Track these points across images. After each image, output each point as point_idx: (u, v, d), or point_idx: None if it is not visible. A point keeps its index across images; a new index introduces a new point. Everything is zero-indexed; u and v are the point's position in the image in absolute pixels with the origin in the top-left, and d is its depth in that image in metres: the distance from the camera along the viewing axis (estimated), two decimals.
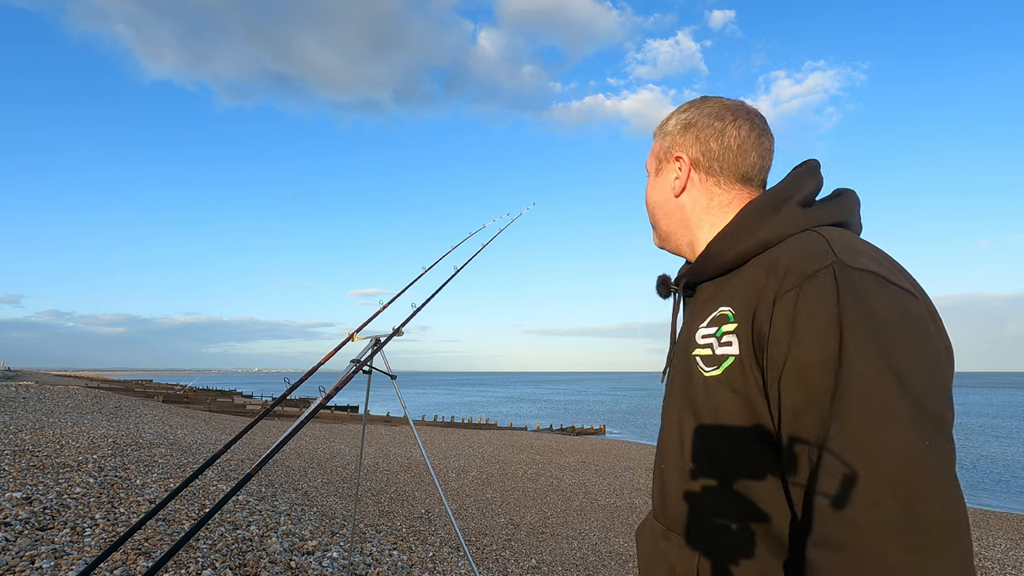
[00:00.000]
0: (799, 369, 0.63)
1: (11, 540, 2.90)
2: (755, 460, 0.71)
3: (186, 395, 27.36)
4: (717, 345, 0.75)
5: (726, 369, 0.73)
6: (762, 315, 0.68)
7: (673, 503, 0.83)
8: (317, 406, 2.54)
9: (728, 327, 0.74)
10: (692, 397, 0.79)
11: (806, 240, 0.72)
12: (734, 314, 0.74)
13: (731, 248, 0.79)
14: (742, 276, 0.77)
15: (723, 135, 0.85)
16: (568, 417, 35.44)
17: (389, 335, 2.92)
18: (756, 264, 0.75)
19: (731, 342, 0.73)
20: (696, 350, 0.79)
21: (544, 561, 5.36)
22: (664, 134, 0.92)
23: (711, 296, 0.82)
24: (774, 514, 0.70)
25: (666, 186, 0.91)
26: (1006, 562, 7.08)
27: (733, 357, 0.72)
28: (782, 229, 0.76)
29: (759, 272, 0.73)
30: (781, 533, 0.70)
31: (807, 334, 0.63)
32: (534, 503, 8.31)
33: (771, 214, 0.78)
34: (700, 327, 0.80)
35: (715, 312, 0.78)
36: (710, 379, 0.75)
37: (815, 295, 0.64)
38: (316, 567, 3.50)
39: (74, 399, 12.64)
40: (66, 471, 4.54)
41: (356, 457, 10.66)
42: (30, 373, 40.43)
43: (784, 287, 0.66)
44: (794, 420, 0.64)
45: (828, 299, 0.63)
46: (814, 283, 0.64)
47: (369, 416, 19.00)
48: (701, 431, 0.78)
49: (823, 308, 0.63)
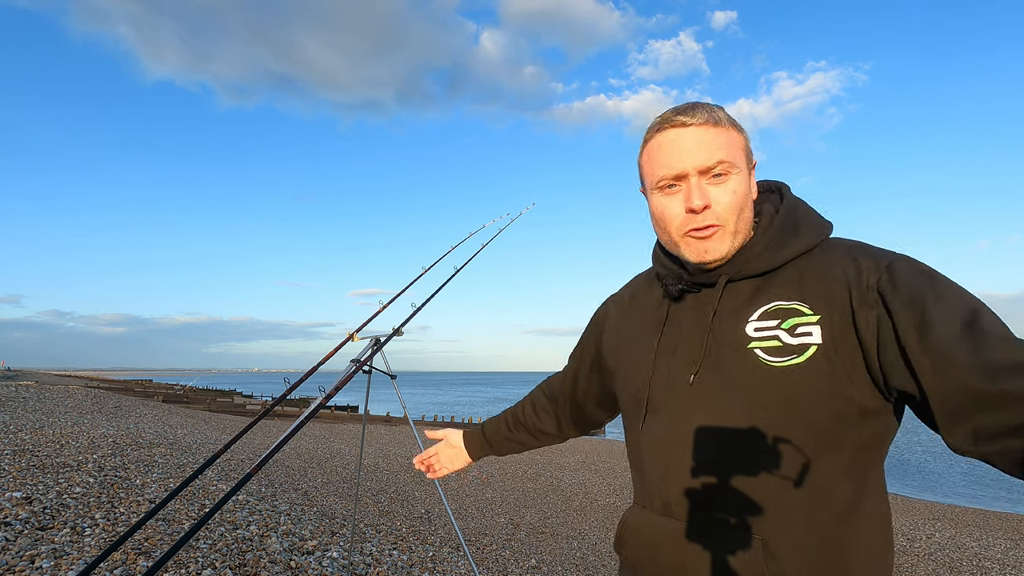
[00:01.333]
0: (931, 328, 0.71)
1: (11, 540, 2.90)
2: (829, 436, 0.79)
3: (186, 395, 27.36)
4: (788, 336, 0.80)
5: (810, 356, 0.78)
6: (862, 306, 0.76)
7: (720, 496, 0.82)
8: (317, 406, 2.54)
9: (805, 319, 0.80)
10: (747, 387, 0.82)
11: (846, 246, 0.84)
12: (811, 308, 0.80)
13: (783, 253, 0.85)
14: (789, 275, 0.84)
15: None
16: None
17: (389, 335, 2.92)
18: (804, 265, 0.84)
19: (811, 332, 0.79)
20: (753, 343, 0.82)
21: (544, 561, 5.36)
22: (741, 130, 0.89)
23: (753, 292, 0.86)
24: (838, 485, 0.79)
25: (750, 183, 0.89)
26: (1006, 562, 7.08)
27: (816, 346, 0.78)
28: (812, 240, 0.86)
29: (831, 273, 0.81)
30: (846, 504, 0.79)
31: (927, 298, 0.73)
32: (534, 503, 8.31)
33: (801, 223, 0.87)
34: (749, 320, 0.84)
35: (767, 306, 0.83)
36: (787, 367, 0.79)
37: (907, 272, 0.76)
38: (316, 567, 3.50)
39: (74, 399, 12.63)
40: (66, 471, 4.54)
41: (356, 457, 10.66)
42: (30, 373, 40.44)
43: (873, 276, 0.77)
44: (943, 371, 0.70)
45: (916, 271, 0.77)
46: (897, 265, 0.78)
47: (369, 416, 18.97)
48: (769, 418, 0.80)
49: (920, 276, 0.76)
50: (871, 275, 0.77)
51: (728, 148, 0.85)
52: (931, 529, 8.58)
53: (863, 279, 0.77)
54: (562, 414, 1.25)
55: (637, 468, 0.97)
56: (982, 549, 7.63)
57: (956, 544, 7.36)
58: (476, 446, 1.33)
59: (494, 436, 1.32)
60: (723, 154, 0.84)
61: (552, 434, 1.28)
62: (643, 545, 0.92)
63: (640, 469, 0.96)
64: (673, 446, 0.88)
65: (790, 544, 0.79)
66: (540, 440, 1.30)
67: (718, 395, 0.84)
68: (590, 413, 1.22)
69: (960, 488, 15.07)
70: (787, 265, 0.85)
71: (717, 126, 0.85)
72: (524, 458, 13.45)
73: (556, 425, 1.27)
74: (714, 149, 0.84)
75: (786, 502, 0.79)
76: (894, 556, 0.86)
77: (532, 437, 1.29)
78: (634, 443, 0.97)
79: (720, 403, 0.84)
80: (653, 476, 0.91)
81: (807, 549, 0.79)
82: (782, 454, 0.79)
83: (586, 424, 1.25)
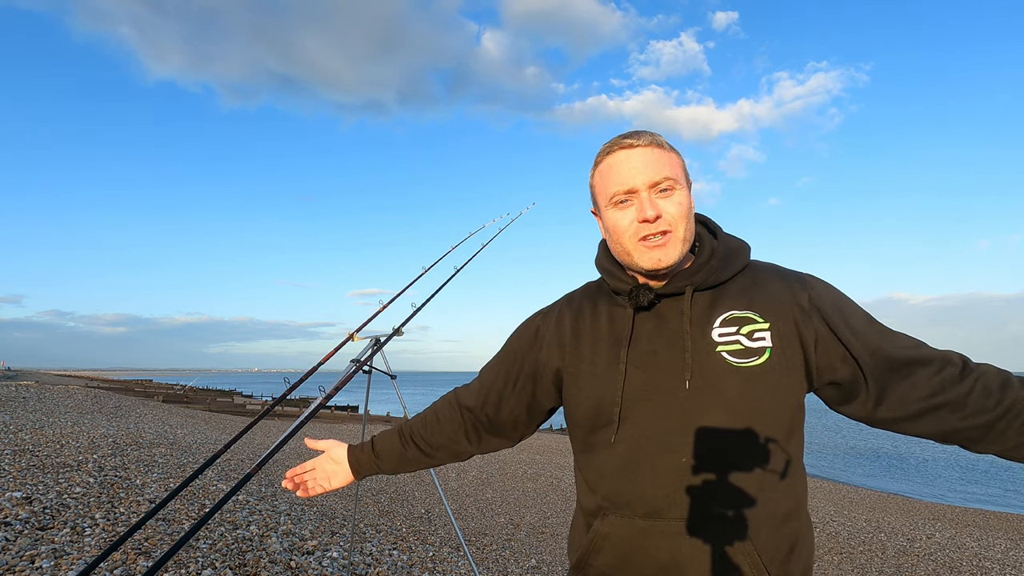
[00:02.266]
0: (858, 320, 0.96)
1: (11, 540, 2.90)
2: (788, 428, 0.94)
3: (186, 395, 27.36)
4: (747, 340, 0.93)
5: (768, 358, 0.92)
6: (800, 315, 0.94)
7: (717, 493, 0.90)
8: (317, 406, 2.54)
9: (757, 326, 0.94)
10: (720, 389, 0.92)
11: (769, 265, 1.05)
12: (761, 316, 0.95)
13: (732, 267, 1.00)
14: (736, 288, 0.99)
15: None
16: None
17: (389, 335, 2.92)
18: (743, 281, 1.00)
19: (764, 337, 0.93)
20: (720, 348, 0.94)
21: (544, 561, 5.36)
22: (679, 154, 1.02)
23: (711, 303, 0.98)
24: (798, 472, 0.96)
25: (690, 199, 1.01)
26: (1006, 562, 7.08)
27: (770, 348, 0.93)
28: (748, 258, 1.04)
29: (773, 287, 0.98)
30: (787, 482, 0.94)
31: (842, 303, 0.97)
32: (534, 503, 8.31)
33: (740, 245, 1.05)
34: (713, 328, 0.96)
35: (724, 315, 0.96)
36: (750, 368, 0.92)
37: (821, 287, 0.99)
38: (316, 567, 3.50)
39: (74, 399, 12.63)
40: (66, 471, 4.54)
41: None
42: (30, 373, 40.44)
43: (804, 294, 0.97)
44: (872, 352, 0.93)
45: (826, 285, 1.00)
46: (814, 283, 0.99)
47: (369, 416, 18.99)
48: (741, 415, 0.91)
49: (832, 290, 0.99)
50: (802, 294, 0.96)
51: (671, 167, 0.98)
52: (931, 529, 8.58)
53: (799, 298, 0.96)
54: (472, 428, 1.19)
55: (607, 478, 0.98)
56: (982, 549, 7.63)
57: (956, 544, 7.37)
58: (362, 462, 1.22)
59: (386, 451, 1.22)
60: (668, 171, 0.97)
61: (454, 450, 1.21)
62: (624, 552, 0.94)
63: (613, 478, 0.97)
64: (658, 449, 0.93)
65: (769, 533, 0.91)
66: (437, 457, 1.22)
67: (697, 397, 0.92)
68: (504, 429, 1.18)
69: (960, 488, 15.07)
70: (731, 281, 1.00)
71: (660, 148, 0.98)
72: (524, 458, 13.45)
73: (463, 439, 1.19)
74: (660, 167, 0.96)
75: (763, 491, 0.90)
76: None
77: (428, 455, 1.21)
78: (604, 455, 0.98)
79: (699, 405, 0.92)
80: (635, 482, 0.94)
81: (779, 535, 0.92)
82: (759, 448, 0.91)
83: (496, 440, 1.20)
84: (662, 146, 0.98)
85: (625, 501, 0.95)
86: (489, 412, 1.17)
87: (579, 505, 1.07)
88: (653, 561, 0.91)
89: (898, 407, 0.91)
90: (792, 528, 0.93)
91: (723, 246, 1.02)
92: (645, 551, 0.92)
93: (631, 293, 1.00)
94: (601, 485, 0.99)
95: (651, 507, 0.92)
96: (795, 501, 0.95)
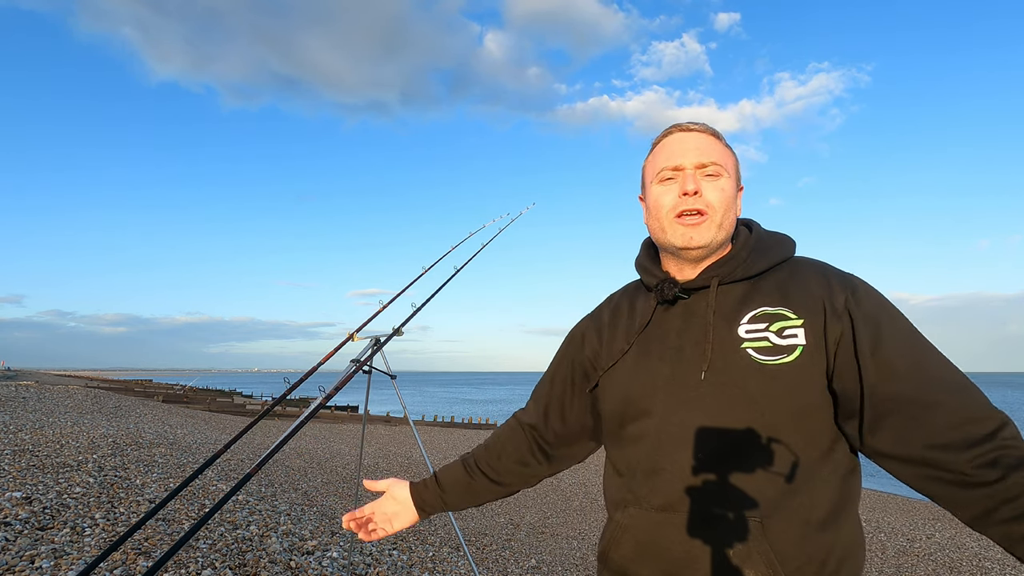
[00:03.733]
0: (901, 336, 0.86)
1: (11, 540, 2.90)
2: (816, 429, 0.88)
3: (186, 395, 27.36)
4: (777, 337, 0.89)
5: (798, 356, 0.87)
6: (834, 320, 0.87)
7: (727, 490, 0.87)
8: (317, 406, 2.54)
9: (791, 322, 0.89)
10: (741, 385, 0.88)
11: (811, 260, 0.98)
12: (795, 312, 0.90)
13: (765, 259, 0.96)
14: (771, 283, 0.94)
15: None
16: None
17: (389, 335, 2.92)
18: (781, 275, 0.95)
19: (796, 334, 0.88)
20: (746, 344, 0.90)
21: (544, 561, 5.36)
22: (734, 154, 1.02)
23: (743, 297, 0.94)
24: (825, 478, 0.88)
25: (736, 193, 1.00)
26: (1006, 562, 7.08)
27: (802, 346, 0.87)
28: (787, 251, 0.99)
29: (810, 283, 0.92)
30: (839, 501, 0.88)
31: (884, 322, 0.87)
32: (534, 503, 8.31)
33: (780, 240, 1.00)
34: (741, 324, 0.92)
35: (756, 311, 0.92)
36: (778, 366, 0.87)
37: (867, 297, 0.90)
38: (316, 567, 3.50)
39: (74, 399, 12.63)
40: (66, 471, 4.54)
41: (356, 457, 10.66)
42: (30, 373, 40.42)
43: (841, 296, 0.89)
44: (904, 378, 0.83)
45: (875, 297, 0.90)
46: (860, 290, 0.90)
47: (369, 416, 19.02)
48: (764, 415, 0.87)
49: (878, 303, 0.89)
50: (840, 294, 0.89)
51: (722, 156, 0.97)
52: (931, 529, 8.57)
53: (835, 296, 0.89)
54: (539, 447, 1.15)
55: (630, 471, 0.97)
56: (982, 549, 7.63)
57: (956, 544, 7.37)
58: (427, 499, 1.15)
59: (451, 484, 1.15)
60: (717, 157, 0.96)
61: (524, 473, 1.16)
62: (641, 545, 0.94)
63: (634, 471, 0.96)
64: (676, 443, 0.91)
65: (786, 532, 0.85)
66: (506, 483, 1.15)
67: (718, 392, 0.89)
68: (574, 438, 1.15)
69: None
70: (767, 275, 0.95)
71: (716, 138, 0.99)
72: None
73: (532, 459, 1.15)
74: (711, 152, 0.96)
75: (783, 492, 0.85)
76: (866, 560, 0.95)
77: (497, 482, 1.15)
78: (628, 447, 0.98)
79: (720, 400, 0.89)
80: (653, 476, 0.93)
81: (810, 544, 0.85)
82: (780, 448, 0.86)
83: (568, 451, 1.16)
84: (719, 138, 1.00)
85: (644, 494, 0.94)
86: (555, 425, 1.13)
87: (605, 498, 1.07)
88: (668, 554, 0.90)
89: (889, 444, 0.82)
90: (829, 539, 0.85)
91: (756, 239, 0.98)
92: (660, 544, 0.91)
93: (657, 286, 0.99)
94: (625, 477, 0.99)
95: (666, 501, 0.91)
96: (832, 509, 0.86)
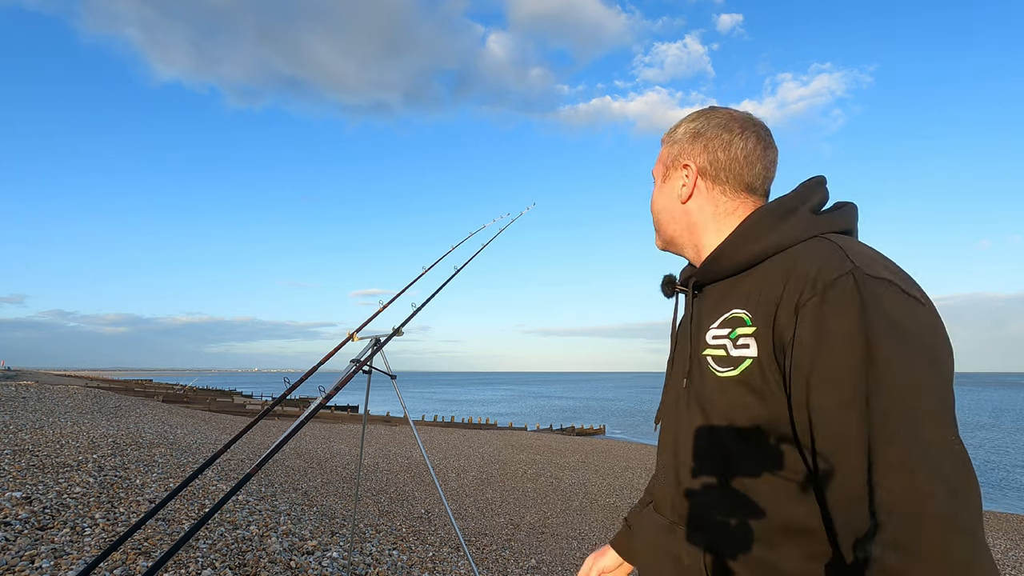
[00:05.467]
0: (829, 373, 0.65)
1: (11, 540, 2.90)
2: (767, 456, 0.74)
3: (186, 395, 27.35)
4: (732, 347, 0.77)
5: (744, 370, 0.74)
6: (784, 320, 0.70)
7: (680, 497, 0.87)
8: (317, 406, 2.54)
9: (745, 330, 0.75)
10: (701, 395, 0.81)
11: (820, 246, 0.73)
12: (751, 318, 0.75)
13: (743, 251, 0.81)
14: (754, 279, 0.79)
15: (730, 146, 0.88)
16: (568, 417, 35.35)
17: (389, 335, 2.92)
18: (768, 267, 0.77)
19: (748, 344, 0.74)
20: (707, 351, 0.81)
21: (544, 561, 5.36)
22: (673, 141, 0.95)
23: (721, 298, 0.83)
24: (778, 508, 0.73)
25: (673, 192, 0.94)
26: (1006, 562, 7.07)
27: (751, 359, 0.74)
28: (793, 233, 0.78)
29: (775, 277, 0.74)
30: (785, 524, 0.73)
31: (836, 340, 0.65)
32: (534, 503, 8.31)
33: (783, 218, 0.80)
34: (711, 328, 0.82)
35: (727, 314, 0.80)
36: (725, 379, 0.77)
37: (839, 303, 0.66)
38: (316, 567, 3.50)
39: (74, 399, 12.63)
40: (66, 471, 4.53)
41: (356, 457, 10.66)
42: (30, 373, 40.40)
43: (806, 294, 0.68)
44: (827, 420, 0.65)
45: (852, 307, 0.65)
46: (836, 291, 0.66)
47: (369, 416, 19.01)
48: (712, 428, 0.80)
49: (848, 316, 0.65)
50: (804, 291, 0.69)
51: (659, 160, 0.98)
52: None
53: (795, 293, 0.70)
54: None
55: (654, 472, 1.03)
56: None
57: None
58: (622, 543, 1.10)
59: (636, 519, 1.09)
60: (655, 165, 0.98)
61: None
62: (650, 546, 0.97)
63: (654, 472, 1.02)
64: (663, 450, 0.94)
65: (730, 554, 0.77)
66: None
67: (687, 402, 0.87)
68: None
69: None
70: (759, 268, 0.79)
71: (663, 144, 0.98)
72: (524, 458, 13.45)
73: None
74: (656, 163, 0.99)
75: (728, 515, 0.78)
76: None
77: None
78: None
79: (688, 410, 0.86)
80: (656, 479, 0.98)
81: (744, 561, 0.75)
82: (722, 464, 0.79)
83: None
84: (665, 141, 0.97)
85: (653, 496, 0.98)
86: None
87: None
88: (667, 558, 0.90)
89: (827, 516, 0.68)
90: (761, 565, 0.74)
91: (742, 228, 0.84)
92: (663, 549, 0.92)
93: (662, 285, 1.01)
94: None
95: (660, 505, 0.94)
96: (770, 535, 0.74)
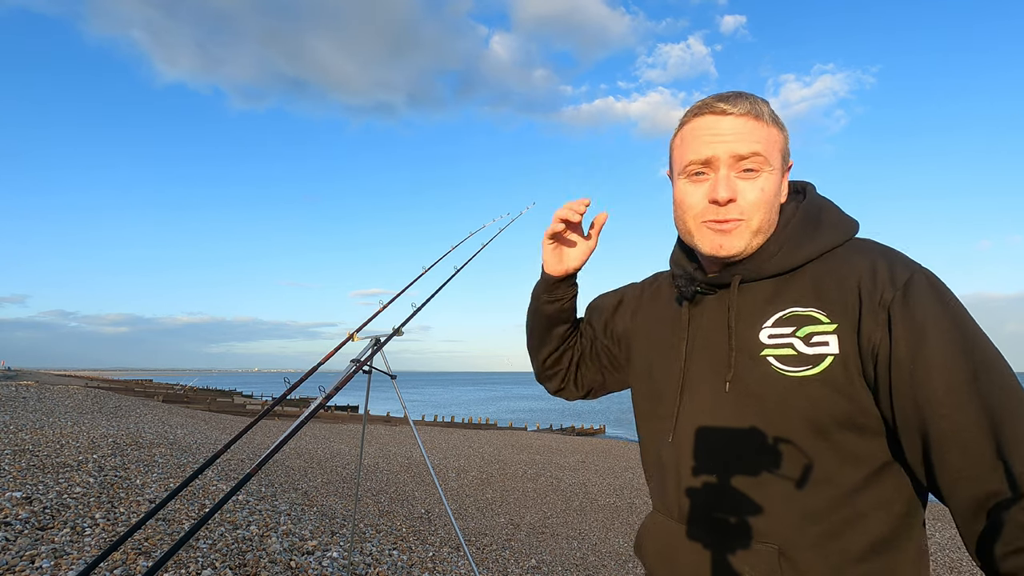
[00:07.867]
0: (934, 360, 0.68)
1: (11, 540, 2.90)
2: (846, 450, 0.75)
3: (186, 395, 27.36)
4: (803, 345, 0.76)
5: (826, 368, 0.74)
6: (869, 320, 0.72)
7: (729, 504, 0.80)
8: (317, 406, 2.54)
9: (822, 328, 0.76)
10: (762, 396, 0.78)
11: (870, 247, 0.79)
12: (828, 316, 0.76)
13: (801, 250, 0.81)
14: (807, 278, 0.80)
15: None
16: (568, 417, 35.38)
17: (389, 335, 2.92)
18: (823, 267, 0.79)
19: (827, 342, 0.75)
20: (767, 351, 0.79)
21: (544, 561, 5.36)
22: (782, 128, 0.85)
23: (771, 296, 0.82)
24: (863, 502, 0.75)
25: (780, 184, 0.84)
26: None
27: (832, 356, 0.74)
28: (838, 238, 0.81)
29: (839, 277, 0.77)
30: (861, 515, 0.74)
31: (930, 331, 0.69)
32: (534, 503, 8.31)
33: (832, 221, 0.83)
34: (764, 327, 0.80)
35: (781, 313, 0.79)
36: (801, 378, 0.75)
37: (922, 297, 0.71)
38: (316, 567, 3.50)
39: (74, 399, 12.63)
40: (66, 471, 4.54)
41: (356, 457, 10.66)
42: (31, 373, 40.41)
43: (887, 294, 0.72)
44: (940, 405, 0.67)
45: (932, 299, 0.71)
46: (915, 287, 0.72)
47: (369, 416, 19.01)
48: (783, 428, 0.77)
49: (933, 307, 0.70)
50: (886, 290, 0.72)
51: (765, 143, 0.81)
52: (931, 529, 8.57)
53: (876, 293, 0.73)
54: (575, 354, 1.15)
55: (658, 474, 0.93)
56: None
57: (956, 544, 7.35)
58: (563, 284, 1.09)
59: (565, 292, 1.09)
60: (759, 147, 0.80)
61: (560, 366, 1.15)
62: (660, 551, 0.90)
63: (661, 475, 0.92)
64: (693, 453, 0.85)
65: (809, 558, 0.75)
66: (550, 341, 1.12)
67: (736, 403, 0.81)
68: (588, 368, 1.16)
69: None
70: (806, 267, 0.80)
71: (758, 119, 0.81)
72: (524, 458, 13.45)
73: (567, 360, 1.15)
74: (750, 141, 0.80)
75: (804, 514, 0.75)
76: None
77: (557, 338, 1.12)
78: (655, 449, 0.94)
79: (737, 411, 0.81)
80: (673, 483, 0.88)
81: (828, 565, 0.74)
82: (797, 465, 0.76)
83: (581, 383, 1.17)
84: (760, 116, 0.81)
85: (666, 500, 0.90)
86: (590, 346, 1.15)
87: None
88: (680, 566, 0.86)
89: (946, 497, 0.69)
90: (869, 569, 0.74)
91: (792, 227, 0.83)
92: (675, 557, 0.86)
93: (677, 281, 0.91)
94: (653, 480, 0.95)
95: (681, 511, 0.86)
96: (872, 540, 0.74)
